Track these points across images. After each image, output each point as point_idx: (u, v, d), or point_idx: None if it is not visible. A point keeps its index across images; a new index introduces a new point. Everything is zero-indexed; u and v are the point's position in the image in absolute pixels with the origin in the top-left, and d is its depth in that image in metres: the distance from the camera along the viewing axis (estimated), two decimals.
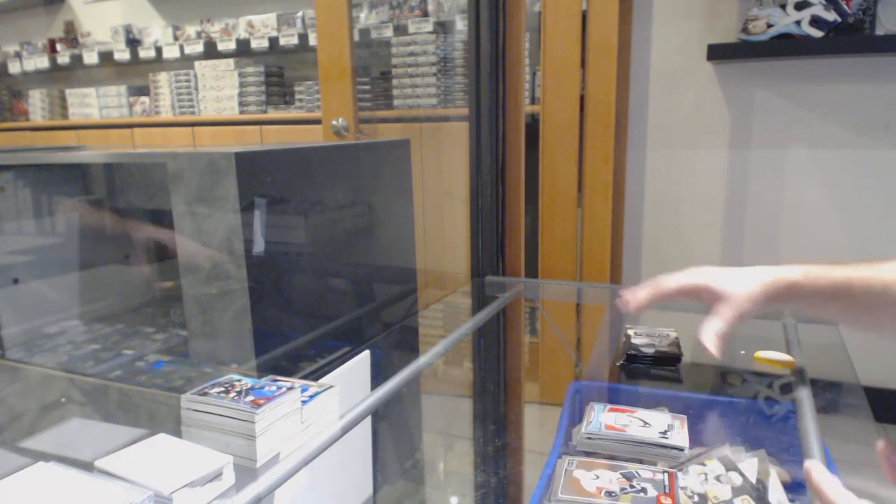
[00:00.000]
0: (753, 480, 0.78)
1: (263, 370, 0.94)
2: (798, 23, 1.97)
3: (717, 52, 2.12)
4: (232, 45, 3.18)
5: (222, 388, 0.67)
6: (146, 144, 3.43)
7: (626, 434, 0.83)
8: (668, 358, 1.10)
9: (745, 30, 2.05)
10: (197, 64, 3.26)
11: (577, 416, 0.95)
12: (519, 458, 1.13)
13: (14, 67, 3.98)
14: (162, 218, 1.35)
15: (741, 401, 1.01)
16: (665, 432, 0.83)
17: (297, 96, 3.06)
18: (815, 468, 0.53)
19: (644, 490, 0.71)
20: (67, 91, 3.80)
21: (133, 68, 3.70)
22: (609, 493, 0.70)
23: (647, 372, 1.09)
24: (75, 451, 0.77)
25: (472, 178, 1.47)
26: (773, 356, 1.02)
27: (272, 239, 0.97)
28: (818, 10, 1.94)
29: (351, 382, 0.82)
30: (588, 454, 0.83)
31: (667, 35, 2.28)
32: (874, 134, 2.07)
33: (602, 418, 0.87)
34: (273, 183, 0.98)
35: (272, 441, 0.64)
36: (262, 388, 0.67)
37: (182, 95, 3.33)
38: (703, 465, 0.81)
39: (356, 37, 2.62)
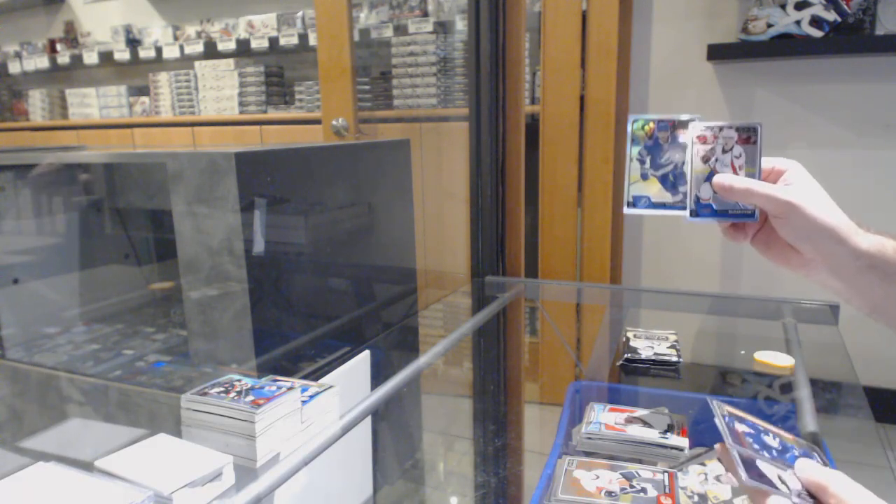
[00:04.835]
0: None
1: (263, 370, 0.94)
2: (798, 23, 1.97)
3: (717, 52, 2.12)
4: (232, 45, 3.18)
5: (222, 388, 0.67)
6: (146, 144, 3.43)
7: (626, 434, 0.83)
8: (666, 361, 1.10)
9: (745, 30, 2.05)
10: (197, 64, 3.26)
11: (577, 416, 0.95)
12: (519, 458, 1.13)
13: (14, 67, 3.98)
14: (162, 218, 1.35)
15: (741, 401, 1.01)
16: (665, 432, 0.83)
17: (297, 96, 3.06)
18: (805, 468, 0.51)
19: (644, 490, 0.71)
20: (67, 91, 3.79)
21: (133, 68, 3.70)
22: (609, 493, 0.70)
23: (647, 373, 1.09)
24: (75, 451, 0.77)
25: (472, 178, 1.47)
26: (772, 359, 1.02)
27: (272, 239, 0.97)
28: (818, 10, 1.94)
29: (351, 382, 0.82)
30: (588, 454, 0.83)
31: (667, 35, 2.28)
32: (874, 134, 2.07)
33: (602, 418, 0.87)
34: (273, 183, 0.98)
35: (272, 441, 0.64)
36: (262, 388, 0.67)
37: (182, 95, 3.33)
38: (703, 465, 0.81)
39: (356, 37, 2.62)
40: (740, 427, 0.56)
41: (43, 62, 3.82)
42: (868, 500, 0.47)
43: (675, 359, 1.09)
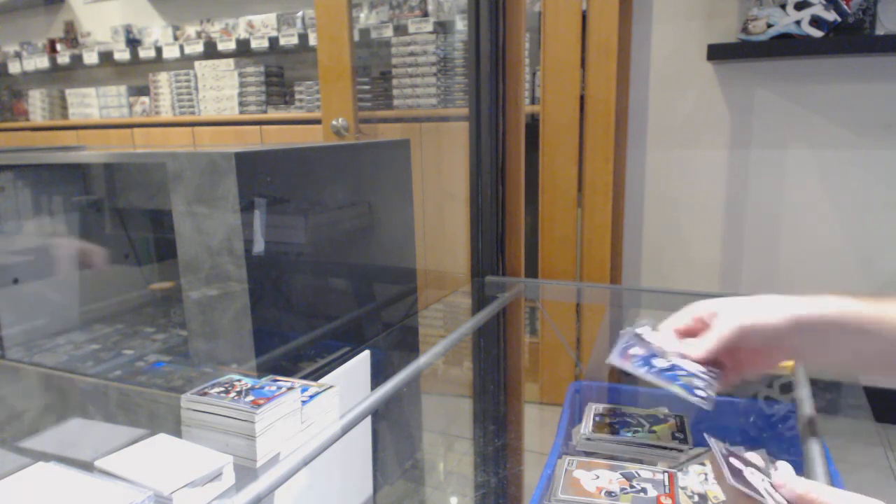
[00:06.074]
0: None
1: (263, 370, 0.94)
2: (798, 23, 1.97)
3: (717, 52, 2.12)
4: (232, 45, 3.18)
5: (222, 388, 0.67)
6: (146, 144, 3.43)
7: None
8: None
9: (745, 30, 2.05)
10: (197, 64, 3.26)
11: (577, 416, 0.95)
12: (519, 458, 1.13)
13: (14, 67, 3.97)
14: (162, 218, 1.35)
15: (741, 401, 1.01)
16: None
17: (297, 96, 3.06)
18: (782, 478, 0.52)
19: (644, 490, 0.71)
20: (67, 91, 3.79)
21: (133, 68, 3.70)
22: (609, 493, 0.70)
23: None
24: (75, 451, 0.77)
25: (472, 178, 1.47)
26: None
27: (272, 239, 0.97)
28: (818, 10, 1.94)
29: (351, 382, 0.82)
30: (588, 454, 0.83)
31: (667, 35, 2.28)
32: (874, 134, 2.07)
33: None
34: (273, 183, 0.98)
35: (272, 441, 0.64)
36: (262, 388, 0.67)
37: (182, 95, 3.33)
38: (703, 465, 0.81)
39: (356, 37, 2.62)
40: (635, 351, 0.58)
41: (43, 62, 3.82)
42: (851, 498, 0.47)
43: None
